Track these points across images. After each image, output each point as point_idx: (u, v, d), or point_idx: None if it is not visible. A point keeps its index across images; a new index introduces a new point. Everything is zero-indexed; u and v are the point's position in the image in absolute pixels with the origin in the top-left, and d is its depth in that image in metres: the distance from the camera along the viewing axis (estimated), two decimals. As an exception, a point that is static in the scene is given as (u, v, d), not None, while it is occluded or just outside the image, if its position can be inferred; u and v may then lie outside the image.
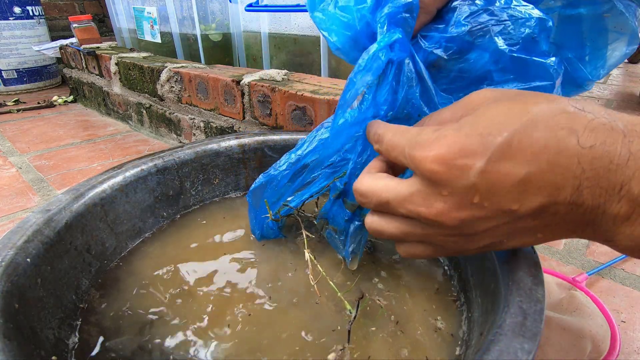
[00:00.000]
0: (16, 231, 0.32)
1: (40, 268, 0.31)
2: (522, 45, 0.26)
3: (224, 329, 0.32)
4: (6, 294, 0.27)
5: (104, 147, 0.93)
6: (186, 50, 1.09)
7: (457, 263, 0.37)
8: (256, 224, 0.42)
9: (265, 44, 0.93)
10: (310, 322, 0.33)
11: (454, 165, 0.20)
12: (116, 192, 0.42)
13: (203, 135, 0.84)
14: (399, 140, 0.24)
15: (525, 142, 0.19)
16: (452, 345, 0.31)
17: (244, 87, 0.69)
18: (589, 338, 0.36)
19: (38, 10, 1.47)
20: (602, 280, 0.47)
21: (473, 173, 0.20)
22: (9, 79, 1.47)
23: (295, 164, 0.36)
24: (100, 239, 0.39)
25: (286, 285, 0.37)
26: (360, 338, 0.31)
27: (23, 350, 0.25)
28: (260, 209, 0.40)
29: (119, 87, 1.07)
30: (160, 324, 0.33)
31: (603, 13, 0.28)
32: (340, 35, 0.29)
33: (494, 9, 0.27)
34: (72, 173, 0.79)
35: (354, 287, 0.36)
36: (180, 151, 0.49)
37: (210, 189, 0.51)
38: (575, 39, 0.30)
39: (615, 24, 0.28)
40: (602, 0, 0.28)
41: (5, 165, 0.84)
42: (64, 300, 0.33)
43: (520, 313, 0.23)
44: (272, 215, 0.39)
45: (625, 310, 0.42)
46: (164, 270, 0.39)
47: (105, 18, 1.91)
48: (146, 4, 1.08)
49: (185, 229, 0.46)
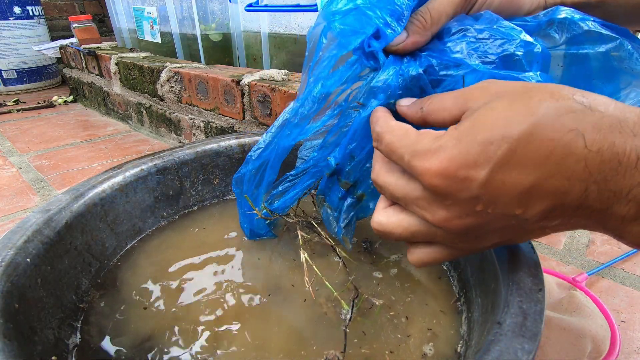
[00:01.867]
0: (16, 231, 0.32)
1: (40, 268, 0.31)
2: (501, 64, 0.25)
3: (223, 329, 0.32)
4: (6, 294, 0.27)
5: (104, 147, 0.93)
6: (186, 50, 1.09)
7: (457, 263, 0.37)
8: (244, 220, 0.42)
9: (265, 44, 0.92)
10: (307, 322, 0.33)
11: (456, 179, 0.20)
12: (116, 192, 0.42)
13: (203, 135, 0.84)
14: (399, 145, 0.23)
15: (529, 149, 0.18)
16: (452, 345, 0.31)
17: (244, 87, 0.69)
18: (589, 338, 0.36)
19: (38, 10, 1.47)
20: (602, 280, 0.47)
21: (475, 185, 0.20)
22: (9, 79, 1.47)
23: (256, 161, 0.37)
24: (100, 238, 0.39)
25: (283, 286, 0.37)
26: (357, 338, 0.31)
27: (23, 350, 0.25)
28: (245, 202, 0.40)
29: (119, 87, 1.07)
30: (160, 323, 0.33)
31: (610, 52, 0.26)
32: None
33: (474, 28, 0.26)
34: (72, 173, 0.79)
35: (351, 286, 0.36)
36: (180, 151, 0.49)
37: (210, 189, 0.51)
38: (584, 82, 0.28)
39: (625, 65, 0.26)
40: (607, 37, 0.26)
41: (5, 165, 0.84)
42: (64, 300, 0.33)
43: (520, 313, 0.23)
44: (260, 213, 0.39)
45: (625, 310, 0.42)
46: (164, 270, 0.39)
47: (105, 18, 1.91)
48: (146, 4, 1.08)
49: (185, 229, 0.46)
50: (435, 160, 0.21)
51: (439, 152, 0.21)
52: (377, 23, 0.26)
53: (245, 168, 0.38)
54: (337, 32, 0.27)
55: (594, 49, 0.27)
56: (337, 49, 0.29)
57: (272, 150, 0.37)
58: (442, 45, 0.27)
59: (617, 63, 0.26)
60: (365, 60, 0.29)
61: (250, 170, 0.38)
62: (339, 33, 0.27)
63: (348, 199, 0.34)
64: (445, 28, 0.28)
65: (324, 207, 0.37)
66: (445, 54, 0.27)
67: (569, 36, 0.27)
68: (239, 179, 0.39)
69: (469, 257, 0.35)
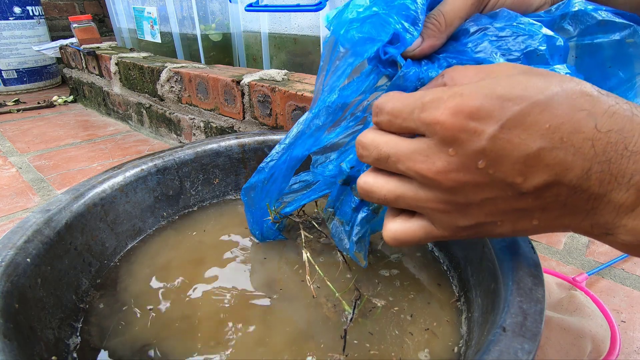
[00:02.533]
0: (16, 231, 0.32)
1: (40, 268, 0.31)
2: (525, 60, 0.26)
3: (224, 329, 0.32)
4: (6, 294, 0.27)
5: (104, 147, 0.93)
6: (186, 50, 1.09)
7: (457, 263, 0.37)
8: (254, 225, 0.42)
9: (265, 44, 0.92)
10: (310, 323, 0.33)
11: (468, 124, 0.19)
12: (116, 192, 0.42)
13: (203, 135, 0.84)
14: (404, 104, 0.22)
15: (543, 116, 0.19)
16: (452, 345, 0.31)
17: (244, 87, 0.69)
18: (589, 338, 0.36)
19: (38, 10, 1.47)
20: (602, 280, 0.47)
21: (485, 137, 0.19)
22: (9, 79, 1.47)
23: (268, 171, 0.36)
24: (100, 239, 0.39)
25: (285, 286, 0.37)
26: (358, 339, 0.31)
27: (23, 350, 0.25)
28: (256, 208, 0.39)
29: (119, 87, 1.07)
30: (161, 323, 0.33)
31: (625, 39, 0.27)
32: None
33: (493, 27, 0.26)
34: (72, 173, 0.79)
35: (352, 287, 0.36)
36: (180, 151, 0.49)
37: (210, 189, 0.51)
38: (598, 70, 0.28)
39: None
40: (620, 25, 0.27)
41: (5, 165, 0.84)
42: (64, 300, 0.33)
43: (520, 313, 0.23)
44: (272, 216, 0.39)
45: (625, 310, 0.42)
46: (164, 270, 0.39)
47: (105, 18, 1.91)
48: (146, 4, 1.08)
49: (185, 229, 0.46)
50: (451, 101, 0.20)
51: (454, 96, 0.20)
52: (397, 28, 0.26)
53: (257, 177, 0.37)
54: (354, 40, 0.27)
55: (608, 38, 0.27)
56: (354, 57, 0.28)
57: (284, 160, 0.36)
58: (460, 46, 0.27)
59: (633, 49, 0.27)
60: (383, 68, 0.28)
61: (261, 180, 0.37)
62: (355, 41, 0.27)
63: (363, 210, 0.32)
64: (460, 29, 0.27)
65: (334, 221, 0.35)
66: (465, 54, 0.27)
67: (583, 27, 0.27)
68: (250, 187, 0.38)
69: (469, 257, 0.35)
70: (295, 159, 0.35)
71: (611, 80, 0.29)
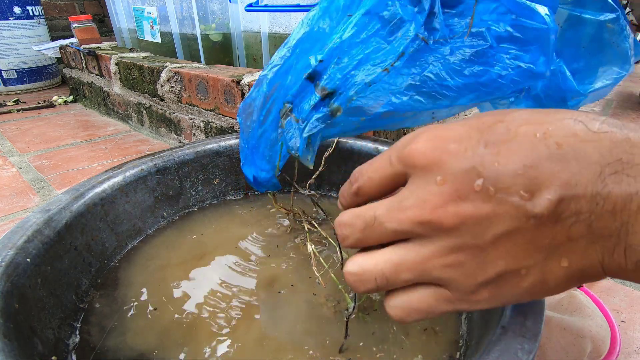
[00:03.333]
0: (16, 231, 0.32)
1: (40, 268, 0.31)
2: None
3: (224, 329, 0.32)
4: (6, 294, 0.27)
5: (104, 147, 0.93)
6: (186, 50, 1.09)
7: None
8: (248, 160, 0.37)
9: (265, 44, 0.92)
10: (310, 322, 0.33)
11: (448, 146, 0.18)
12: (116, 192, 0.42)
13: (203, 135, 0.84)
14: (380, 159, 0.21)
15: (529, 128, 0.17)
16: (452, 345, 0.31)
17: (244, 87, 0.69)
18: (589, 338, 0.36)
19: (38, 10, 1.47)
20: (602, 280, 0.47)
21: (470, 152, 0.18)
22: (9, 79, 1.47)
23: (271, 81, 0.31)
24: (100, 239, 0.39)
25: (286, 285, 0.37)
26: (358, 334, 0.31)
27: (23, 350, 0.25)
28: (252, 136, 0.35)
29: (119, 87, 1.07)
30: (160, 323, 0.33)
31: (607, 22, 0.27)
32: None
33: None
34: (72, 173, 0.79)
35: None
36: (180, 151, 0.49)
37: (210, 189, 0.51)
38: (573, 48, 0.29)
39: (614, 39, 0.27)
40: (609, 7, 0.27)
41: (5, 165, 0.84)
42: (64, 300, 0.33)
43: (520, 313, 0.23)
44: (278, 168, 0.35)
45: (625, 310, 0.42)
46: (164, 270, 0.39)
47: (105, 18, 1.91)
48: (146, 4, 1.08)
49: (185, 229, 0.46)
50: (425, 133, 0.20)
51: (429, 129, 0.20)
52: None
53: (258, 90, 0.32)
54: None
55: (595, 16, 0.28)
56: None
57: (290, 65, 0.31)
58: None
59: (608, 35, 0.28)
60: None
61: (264, 94, 0.32)
62: None
63: (321, 109, 0.29)
64: None
65: (289, 118, 0.31)
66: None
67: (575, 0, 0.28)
68: (248, 105, 0.33)
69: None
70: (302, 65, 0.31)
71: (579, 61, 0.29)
